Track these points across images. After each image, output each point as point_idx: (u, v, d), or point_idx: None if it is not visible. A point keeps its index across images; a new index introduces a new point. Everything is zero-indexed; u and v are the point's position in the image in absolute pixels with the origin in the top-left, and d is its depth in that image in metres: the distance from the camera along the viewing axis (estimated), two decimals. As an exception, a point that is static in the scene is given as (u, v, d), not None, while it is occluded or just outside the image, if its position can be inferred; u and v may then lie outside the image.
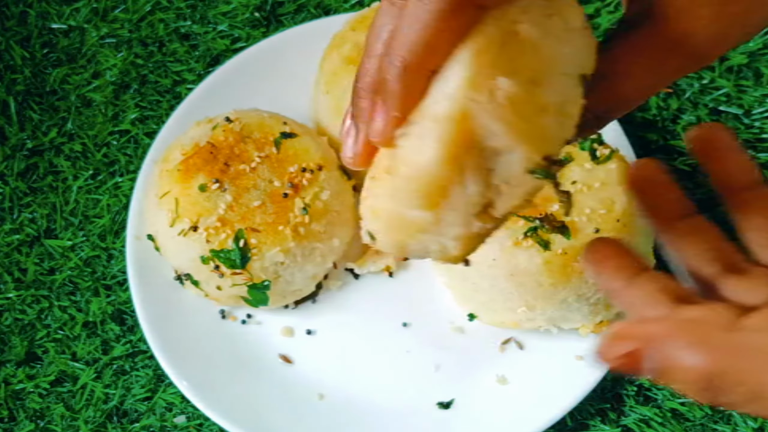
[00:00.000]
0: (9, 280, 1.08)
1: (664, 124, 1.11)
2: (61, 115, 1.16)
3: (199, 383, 0.96)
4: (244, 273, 0.95)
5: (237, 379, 0.98)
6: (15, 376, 1.03)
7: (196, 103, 1.09)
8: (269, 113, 1.03)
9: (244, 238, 0.94)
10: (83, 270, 1.07)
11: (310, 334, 1.02)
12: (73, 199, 1.11)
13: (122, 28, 1.21)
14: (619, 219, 0.92)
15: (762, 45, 1.13)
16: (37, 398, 1.02)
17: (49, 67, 1.19)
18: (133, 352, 1.04)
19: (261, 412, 0.96)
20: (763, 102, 1.11)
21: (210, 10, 1.21)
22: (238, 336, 1.01)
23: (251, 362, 1.00)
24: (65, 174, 1.13)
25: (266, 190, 0.97)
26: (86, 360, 1.03)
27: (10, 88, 1.18)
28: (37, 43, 1.21)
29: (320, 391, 0.98)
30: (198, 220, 0.94)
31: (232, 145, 0.99)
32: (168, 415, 1.01)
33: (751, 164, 0.59)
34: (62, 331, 1.05)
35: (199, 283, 0.97)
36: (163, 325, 0.98)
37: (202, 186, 0.96)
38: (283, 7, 1.21)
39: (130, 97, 1.17)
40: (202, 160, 0.97)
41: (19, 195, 1.12)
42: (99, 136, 1.15)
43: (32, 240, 1.10)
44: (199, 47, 1.19)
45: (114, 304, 1.05)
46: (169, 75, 1.18)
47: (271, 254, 0.94)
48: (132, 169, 1.12)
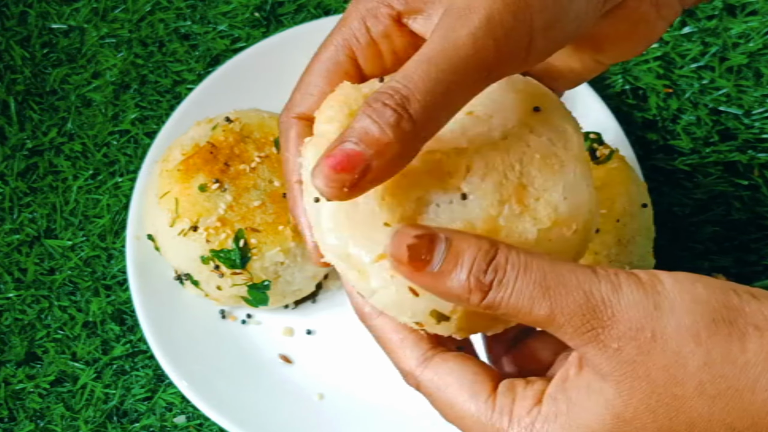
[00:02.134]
0: (9, 280, 1.08)
1: (664, 124, 1.11)
2: (61, 115, 1.16)
3: (199, 383, 0.96)
4: (244, 273, 0.95)
5: (237, 379, 0.98)
6: (15, 376, 1.03)
7: (196, 103, 1.09)
8: (269, 113, 1.03)
9: (244, 238, 0.94)
10: (83, 270, 1.07)
11: (310, 334, 1.02)
12: (73, 199, 1.11)
13: (122, 28, 1.21)
14: (619, 219, 0.92)
15: (762, 45, 1.13)
16: (37, 398, 1.02)
17: (49, 67, 1.19)
18: (133, 352, 1.04)
19: (261, 412, 0.96)
20: (763, 102, 1.11)
21: (210, 10, 1.21)
22: (238, 336, 1.01)
23: (251, 362, 1.00)
24: (65, 174, 1.13)
25: (266, 190, 0.97)
26: (86, 360, 1.03)
27: (10, 88, 1.18)
28: (37, 43, 1.21)
29: (320, 391, 0.98)
30: (198, 220, 0.94)
31: (232, 145, 0.99)
32: (168, 415, 1.01)
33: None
34: (62, 331, 1.05)
35: (199, 283, 0.97)
36: (163, 325, 0.98)
37: (202, 186, 0.96)
38: (283, 7, 1.21)
39: (130, 97, 1.17)
40: (202, 160, 0.97)
41: (19, 195, 1.12)
42: (99, 136, 1.15)
43: (32, 240, 1.10)
44: (199, 47, 1.19)
45: (114, 304, 1.05)
46: (169, 75, 1.18)
47: (271, 254, 0.94)
48: (132, 169, 1.12)
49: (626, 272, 0.50)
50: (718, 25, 1.14)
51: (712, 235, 1.05)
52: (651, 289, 0.49)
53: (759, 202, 1.06)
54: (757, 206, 1.06)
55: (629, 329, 0.48)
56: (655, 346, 0.48)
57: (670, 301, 0.49)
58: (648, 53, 1.13)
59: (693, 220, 1.05)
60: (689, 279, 0.50)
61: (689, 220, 1.05)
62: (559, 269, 0.49)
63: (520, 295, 0.49)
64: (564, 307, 0.49)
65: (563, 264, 0.50)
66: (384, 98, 0.48)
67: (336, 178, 0.48)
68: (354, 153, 0.48)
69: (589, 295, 0.49)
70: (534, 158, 0.52)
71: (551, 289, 0.49)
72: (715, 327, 0.48)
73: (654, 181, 1.06)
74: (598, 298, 0.49)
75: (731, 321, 0.48)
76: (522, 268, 0.49)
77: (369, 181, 0.48)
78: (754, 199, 1.06)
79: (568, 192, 0.53)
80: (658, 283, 0.50)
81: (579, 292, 0.49)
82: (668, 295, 0.49)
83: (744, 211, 1.06)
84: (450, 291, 0.50)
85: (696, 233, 1.05)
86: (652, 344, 0.48)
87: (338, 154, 0.48)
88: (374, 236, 0.51)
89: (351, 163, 0.48)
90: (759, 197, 1.07)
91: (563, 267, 0.50)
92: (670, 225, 1.05)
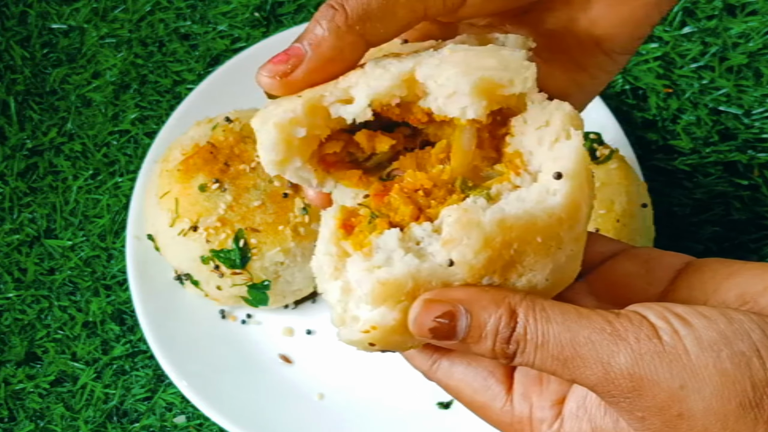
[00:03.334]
0: (9, 280, 1.08)
1: (664, 124, 1.11)
2: (61, 115, 1.16)
3: (199, 383, 0.96)
4: (244, 273, 0.95)
5: (237, 379, 0.98)
6: (15, 376, 1.03)
7: (196, 103, 1.09)
8: (269, 113, 1.03)
9: (244, 238, 0.94)
10: (83, 270, 1.07)
11: (310, 334, 1.02)
12: (73, 199, 1.11)
13: (122, 28, 1.21)
14: (619, 219, 0.92)
15: (762, 45, 1.13)
16: (37, 398, 1.02)
17: (49, 67, 1.19)
18: (133, 352, 1.04)
19: (261, 412, 0.96)
20: (763, 102, 1.11)
21: (210, 10, 1.21)
22: (238, 336, 1.01)
23: (251, 362, 1.00)
24: (65, 174, 1.13)
25: (266, 190, 0.97)
26: (86, 360, 1.03)
27: (10, 88, 1.18)
28: (37, 43, 1.21)
29: (320, 391, 0.98)
30: (198, 220, 0.94)
31: (232, 145, 0.99)
32: (168, 415, 1.01)
33: None
34: (62, 331, 1.05)
35: (199, 283, 0.97)
36: (163, 325, 0.98)
37: (202, 186, 0.96)
38: (283, 7, 1.21)
39: (130, 97, 1.17)
40: (202, 160, 0.97)
41: (19, 195, 1.12)
42: (99, 136, 1.15)
43: (32, 240, 1.10)
44: (199, 47, 1.19)
45: (114, 304, 1.05)
46: (169, 75, 1.18)
47: (271, 254, 0.94)
48: (132, 169, 1.12)
49: (646, 329, 0.48)
50: (718, 25, 1.14)
51: (712, 235, 1.05)
52: (675, 361, 0.48)
53: (759, 202, 1.06)
54: (757, 206, 1.06)
55: (654, 405, 0.48)
56: (682, 424, 0.48)
57: (697, 380, 0.48)
58: (648, 53, 1.13)
59: (693, 220, 1.05)
60: (714, 343, 0.48)
61: (689, 220, 1.05)
62: (575, 338, 0.49)
63: (543, 365, 0.50)
64: (584, 380, 0.49)
65: (580, 330, 0.49)
66: (332, 1, 0.54)
67: (271, 68, 0.57)
68: (292, 48, 0.55)
69: (608, 369, 0.49)
70: (535, 240, 0.52)
71: (569, 362, 0.49)
72: (742, 411, 0.48)
73: (654, 181, 1.06)
74: (618, 373, 0.48)
75: (757, 404, 0.48)
76: (540, 340, 0.50)
77: (302, 71, 0.55)
78: (754, 199, 1.06)
79: (553, 275, 0.53)
80: (680, 345, 0.48)
81: (597, 366, 0.49)
82: (694, 370, 0.48)
83: (744, 211, 1.06)
84: (476, 353, 0.52)
85: (696, 233, 1.05)
86: (679, 421, 0.48)
87: (282, 51, 0.56)
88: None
89: (287, 55, 0.56)
90: (759, 197, 1.07)
91: (580, 334, 0.49)
92: (670, 225, 1.05)
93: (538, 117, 0.54)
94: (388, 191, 0.55)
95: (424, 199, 0.54)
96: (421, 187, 0.54)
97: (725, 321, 0.48)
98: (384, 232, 0.52)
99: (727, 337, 0.48)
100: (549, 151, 0.53)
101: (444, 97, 0.53)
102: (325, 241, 0.55)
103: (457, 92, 0.52)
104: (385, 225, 0.53)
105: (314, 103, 0.54)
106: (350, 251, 0.53)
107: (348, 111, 0.54)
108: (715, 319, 0.48)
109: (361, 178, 0.57)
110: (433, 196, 0.54)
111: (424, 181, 0.54)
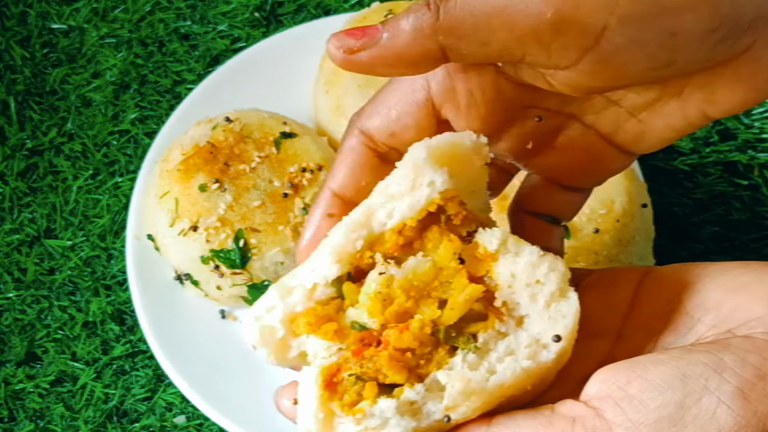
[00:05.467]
0: (9, 280, 1.08)
1: (664, 124, 1.11)
2: (61, 115, 1.16)
3: (199, 383, 0.96)
4: (244, 273, 0.95)
5: (237, 379, 0.98)
6: (15, 376, 1.03)
7: (196, 103, 1.09)
8: (269, 113, 1.03)
9: (244, 238, 0.94)
10: (83, 270, 1.07)
11: (310, 334, 1.02)
12: (73, 199, 1.11)
13: (122, 28, 1.21)
14: (619, 219, 0.92)
15: (762, 45, 1.13)
16: (37, 398, 1.02)
17: (49, 67, 1.19)
18: (133, 352, 1.04)
19: (261, 412, 0.96)
20: (763, 102, 1.11)
21: (210, 10, 1.21)
22: (238, 336, 1.01)
23: (251, 362, 1.00)
24: (65, 174, 1.13)
25: (266, 190, 0.97)
26: (86, 360, 1.04)
27: (10, 88, 1.18)
28: (37, 43, 1.21)
29: (320, 391, 0.98)
30: (198, 220, 0.94)
31: (232, 145, 0.99)
32: (168, 415, 1.01)
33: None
34: (62, 331, 1.05)
35: (199, 283, 0.97)
36: (163, 325, 0.98)
37: (202, 186, 0.96)
38: (283, 7, 1.21)
39: (130, 97, 1.17)
40: (202, 160, 0.97)
41: (19, 195, 1.12)
42: (99, 136, 1.15)
43: (32, 240, 1.10)
44: (199, 47, 1.19)
45: (114, 304, 1.05)
46: (169, 75, 1.18)
47: (271, 254, 0.94)
48: (132, 169, 1.12)
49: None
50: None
51: (712, 235, 1.05)
52: None
53: (759, 202, 1.06)
54: (757, 206, 1.06)
55: None
56: None
57: None
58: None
59: (693, 220, 1.05)
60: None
61: (689, 220, 1.05)
62: None
63: None
64: None
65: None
66: (426, 1, 0.52)
67: (342, 39, 0.53)
68: (372, 27, 0.53)
69: None
70: (525, 389, 0.54)
71: None
72: None
73: (654, 181, 1.06)
74: None
75: None
76: None
77: (368, 55, 0.52)
78: (754, 199, 1.06)
79: (535, 388, 0.55)
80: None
81: None
82: None
83: (744, 211, 1.06)
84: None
85: (696, 233, 1.05)
86: None
87: (361, 27, 0.53)
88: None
89: (363, 32, 0.52)
90: (759, 197, 1.07)
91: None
92: (670, 225, 1.05)
93: (529, 273, 0.55)
94: (367, 346, 0.54)
95: (412, 358, 0.54)
96: (408, 349, 0.54)
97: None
98: (378, 401, 0.53)
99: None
100: (544, 310, 0.54)
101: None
102: (311, 404, 0.54)
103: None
104: (374, 388, 0.53)
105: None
106: (339, 413, 0.53)
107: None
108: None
109: (337, 332, 0.56)
110: (418, 352, 0.54)
111: (410, 343, 0.54)
